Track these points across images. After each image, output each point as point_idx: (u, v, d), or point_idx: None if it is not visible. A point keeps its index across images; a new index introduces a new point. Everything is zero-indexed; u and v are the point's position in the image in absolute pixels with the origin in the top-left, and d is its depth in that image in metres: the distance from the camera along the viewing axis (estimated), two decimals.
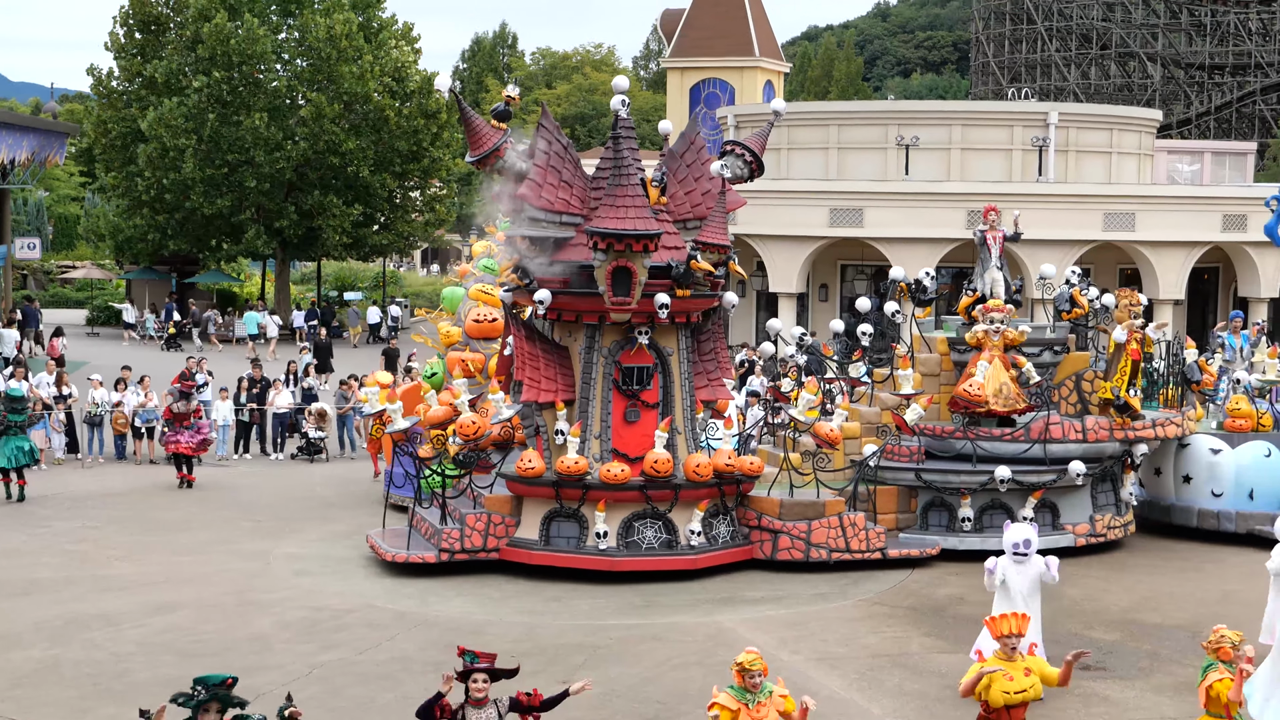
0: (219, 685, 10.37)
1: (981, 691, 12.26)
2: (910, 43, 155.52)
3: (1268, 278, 45.69)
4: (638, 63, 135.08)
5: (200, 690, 10.33)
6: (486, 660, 11.21)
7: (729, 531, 21.40)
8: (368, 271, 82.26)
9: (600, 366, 21.08)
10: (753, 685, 11.40)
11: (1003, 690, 12.07)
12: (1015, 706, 12.15)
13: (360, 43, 60.33)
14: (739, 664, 11.49)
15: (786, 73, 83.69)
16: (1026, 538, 15.71)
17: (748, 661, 11.45)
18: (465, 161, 22.30)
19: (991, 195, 40.02)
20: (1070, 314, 23.67)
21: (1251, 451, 24.12)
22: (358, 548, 22.54)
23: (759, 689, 11.41)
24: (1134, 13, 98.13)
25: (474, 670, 11.08)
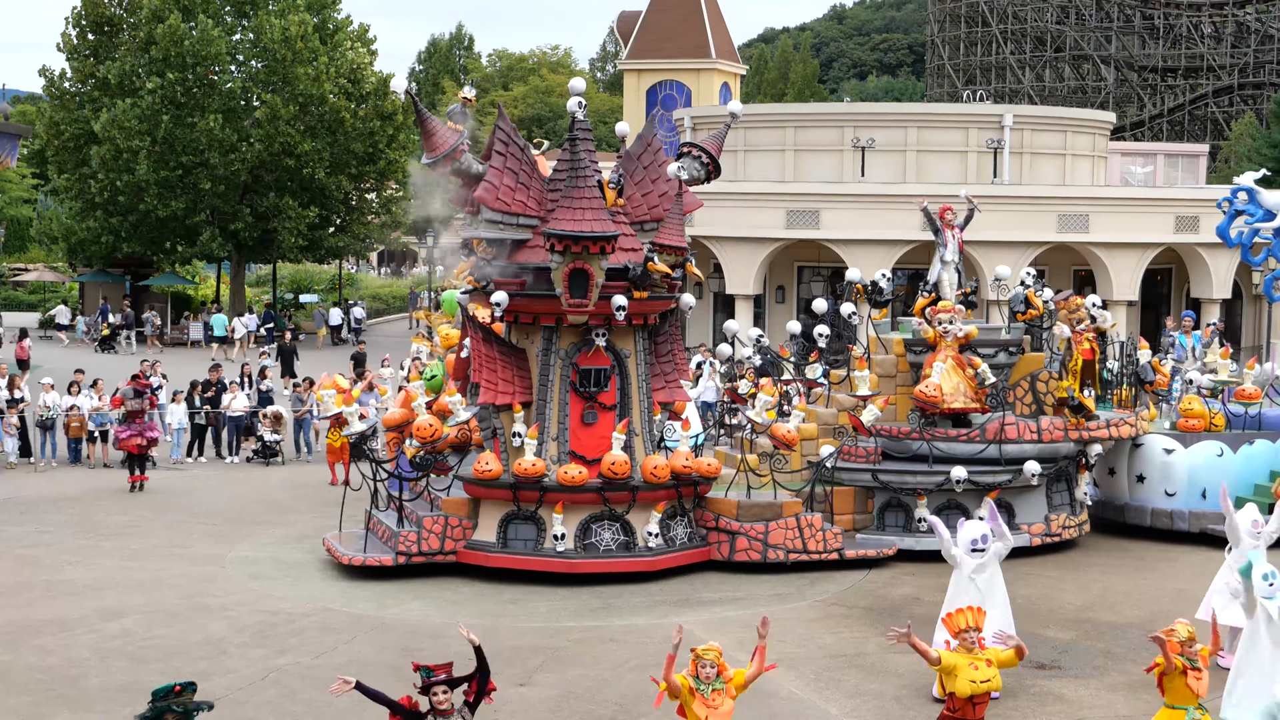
0: (166, 695, 10.27)
1: (947, 681, 12.31)
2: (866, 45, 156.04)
3: (1220, 279, 46.04)
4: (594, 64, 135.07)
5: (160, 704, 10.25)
6: (443, 671, 11.15)
7: (686, 533, 21.41)
8: (324, 274, 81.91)
9: (557, 368, 21.06)
10: (705, 677, 11.41)
11: (969, 679, 12.13)
12: (979, 696, 12.21)
13: (315, 44, 60.08)
14: (695, 653, 11.47)
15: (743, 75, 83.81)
16: (984, 533, 15.86)
17: (702, 650, 11.44)
18: (422, 163, 22.28)
19: (947, 197, 40.04)
20: (1025, 315, 23.78)
21: (1204, 451, 24.30)
22: (314, 551, 22.43)
23: (711, 681, 11.42)
24: (1088, 16, 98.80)
25: (433, 684, 11.02)
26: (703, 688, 11.40)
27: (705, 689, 11.39)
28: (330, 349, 58.68)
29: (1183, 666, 12.37)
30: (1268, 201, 27.93)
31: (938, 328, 22.50)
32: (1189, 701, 12.42)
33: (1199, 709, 12.48)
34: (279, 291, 72.39)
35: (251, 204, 59.91)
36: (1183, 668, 12.38)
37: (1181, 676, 12.40)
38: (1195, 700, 12.44)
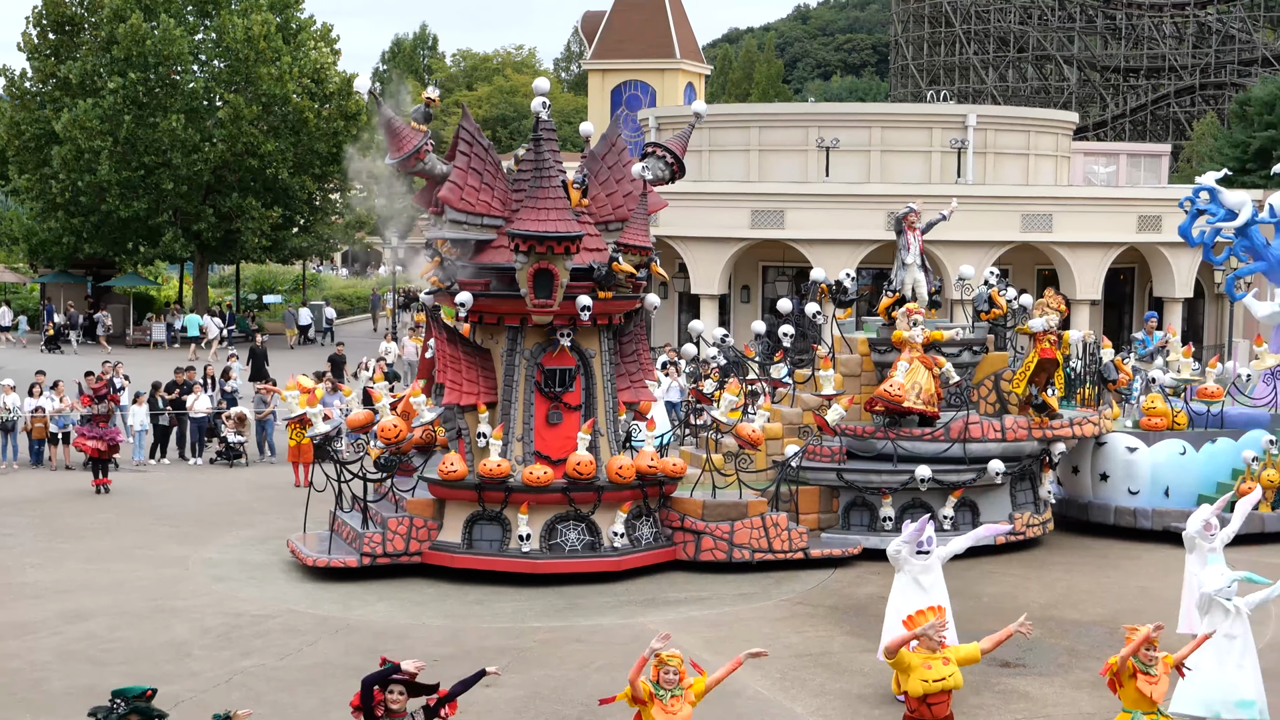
0: (138, 698, 10.22)
1: (901, 679, 12.32)
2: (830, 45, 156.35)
3: (1182, 278, 46.31)
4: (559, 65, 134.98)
5: (120, 704, 10.19)
6: (405, 676, 11.09)
7: (652, 533, 21.41)
8: (287, 274, 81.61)
9: (522, 369, 21.03)
10: (666, 682, 11.40)
11: (921, 679, 12.14)
12: (935, 695, 12.20)
13: (279, 44, 59.81)
14: (659, 656, 11.47)
15: (707, 75, 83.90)
16: (930, 535, 15.91)
17: (666, 655, 11.44)
18: (386, 163, 22.23)
19: (911, 197, 40.18)
20: (989, 314, 23.87)
21: (1167, 449, 24.44)
22: (278, 553, 22.34)
23: (672, 686, 11.41)
24: (1050, 16, 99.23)
25: (392, 681, 10.97)
26: (662, 693, 11.39)
27: (665, 694, 11.39)
28: (301, 350, 58.38)
29: (1132, 668, 12.36)
30: (1229, 201, 28.13)
31: (911, 330, 22.50)
32: (1140, 706, 12.37)
33: (1152, 714, 12.43)
34: (242, 292, 72.09)
35: (214, 204, 59.60)
36: (1132, 669, 12.36)
37: (1132, 679, 12.38)
38: (1149, 705, 12.37)
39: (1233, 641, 14.34)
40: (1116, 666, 12.45)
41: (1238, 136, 69.63)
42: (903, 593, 15.82)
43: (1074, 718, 15.35)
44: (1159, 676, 12.42)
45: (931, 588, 15.83)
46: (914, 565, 15.88)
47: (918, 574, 15.88)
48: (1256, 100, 69.41)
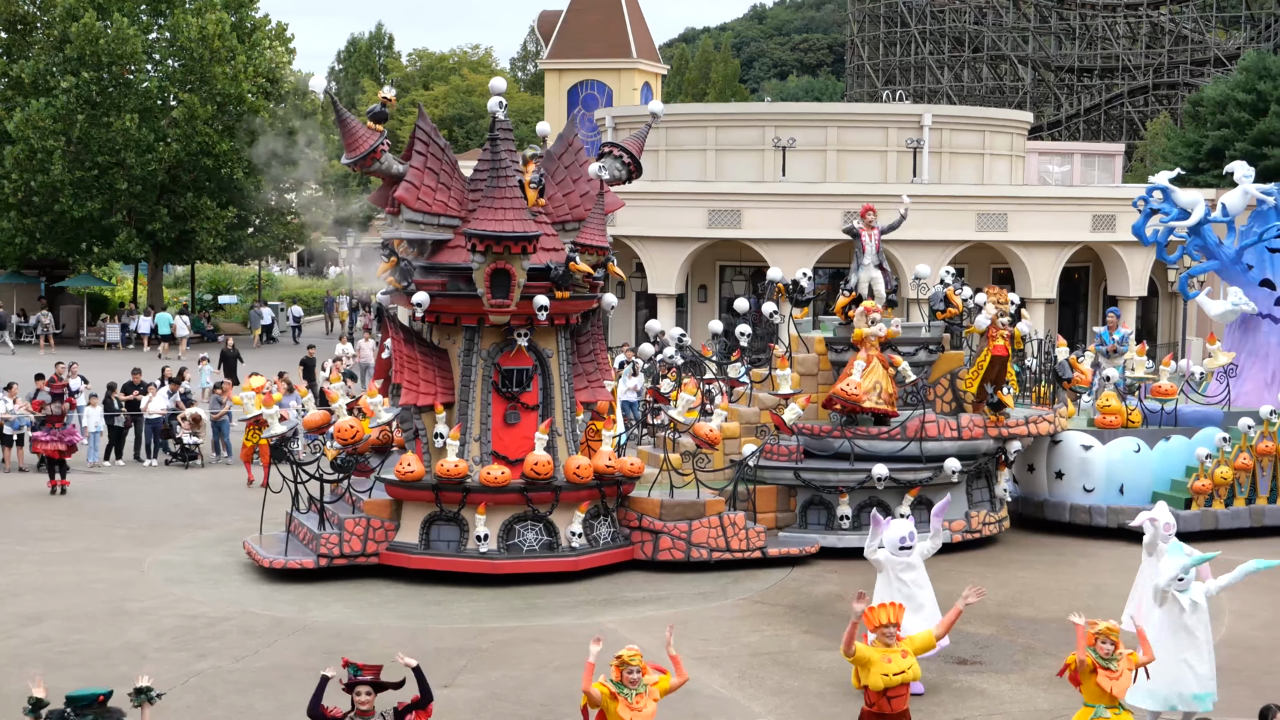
0: (90, 705, 10.14)
1: (861, 674, 12.35)
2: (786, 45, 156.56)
3: (1136, 276, 46.61)
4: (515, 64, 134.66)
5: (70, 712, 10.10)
6: (371, 673, 11.09)
7: (610, 533, 21.41)
8: (243, 275, 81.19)
9: (479, 369, 20.99)
10: (630, 681, 11.40)
11: (881, 673, 12.20)
12: (895, 689, 12.25)
13: (233, 43, 59.48)
14: (619, 658, 11.48)
15: (664, 74, 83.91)
16: (910, 531, 15.97)
17: (628, 655, 11.46)
18: (342, 163, 22.13)
19: (867, 196, 40.38)
20: (945, 313, 23.97)
21: (1121, 447, 24.60)
22: (234, 554, 22.23)
23: (636, 685, 11.42)
24: (1005, 16, 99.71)
25: (358, 683, 10.96)
26: (626, 691, 11.39)
27: (630, 693, 11.39)
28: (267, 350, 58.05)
29: (1091, 663, 12.43)
30: (1182, 200, 28.33)
31: (872, 329, 22.57)
32: (1100, 700, 12.48)
33: (1114, 709, 12.52)
34: (198, 293, 71.68)
35: (169, 204, 59.23)
36: (1091, 664, 12.43)
37: (1091, 675, 12.44)
38: (1109, 699, 12.46)
39: (1189, 635, 14.44)
40: (1074, 665, 12.53)
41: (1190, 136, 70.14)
42: (888, 594, 15.74)
43: (1030, 714, 15.44)
44: (1120, 672, 12.46)
45: (915, 584, 15.87)
46: (895, 564, 15.90)
47: (900, 572, 15.90)
48: (1209, 100, 69.94)
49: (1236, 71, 72.53)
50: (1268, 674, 16.85)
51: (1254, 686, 16.21)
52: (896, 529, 16.06)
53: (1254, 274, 27.80)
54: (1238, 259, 27.91)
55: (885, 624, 12.44)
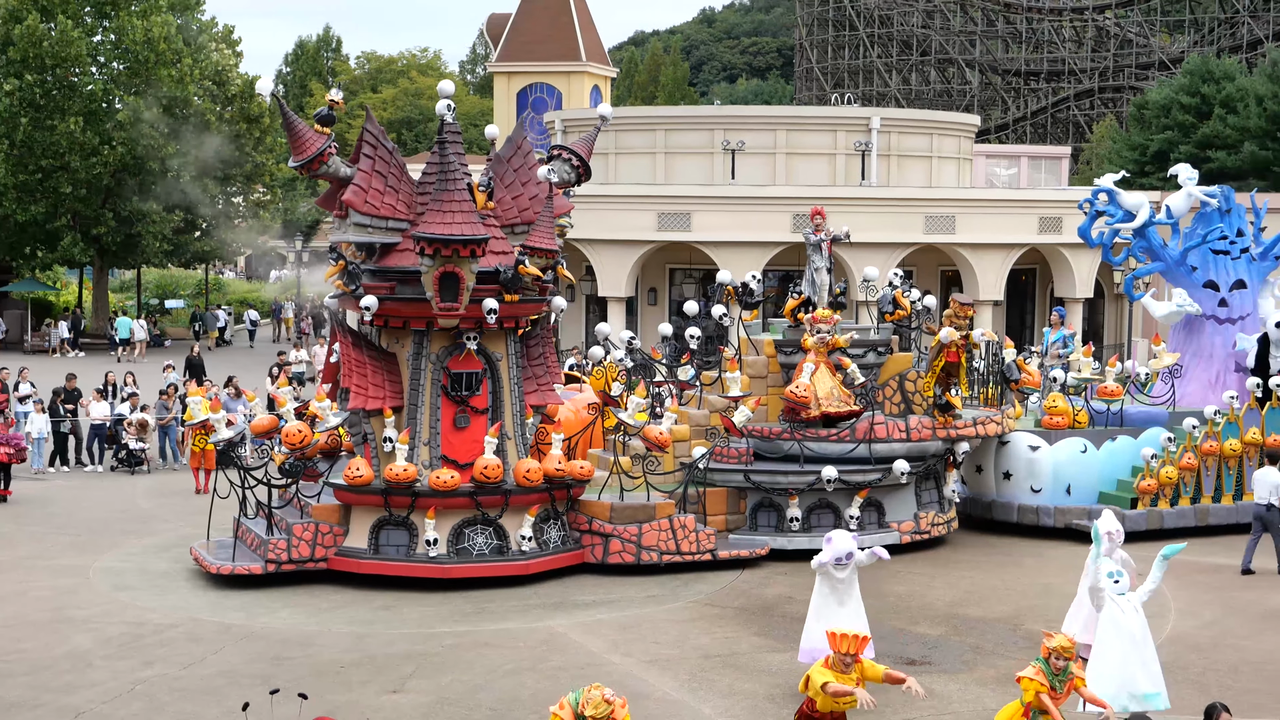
0: None
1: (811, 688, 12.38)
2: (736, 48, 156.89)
3: (1082, 278, 46.91)
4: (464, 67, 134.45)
5: None
6: None
7: (560, 536, 21.37)
8: (190, 279, 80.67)
9: (428, 372, 20.92)
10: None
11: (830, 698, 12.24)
12: (838, 715, 12.34)
13: (179, 45, 59.09)
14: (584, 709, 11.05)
15: (613, 78, 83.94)
16: (850, 551, 15.98)
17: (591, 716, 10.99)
18: (289, 166, 22.02)
19: (816, 199, 40.49)
20: (893, 316, 24.08)
21: (1068, 448, 24.76)
22: (180, 560, 22.06)
23: None
24: (953, 20, 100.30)
25: None
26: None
27: None
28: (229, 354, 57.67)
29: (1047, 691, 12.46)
30: (1127, 202, 28.54)
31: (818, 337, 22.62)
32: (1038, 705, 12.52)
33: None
34: (143, 297, 71.19)
35: (114, 208, 58.76)
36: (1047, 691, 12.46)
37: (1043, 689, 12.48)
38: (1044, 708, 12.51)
39: (1134, 636, 14.55)
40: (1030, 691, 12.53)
41: (1136, 139, 70.71)
42: (821, 594, 16.21)
43: (978, 714, 15.50)
44: (1063, 697, 12.63)
45: (846, 583, 16.00)
46: (832, 574, 16.09)
47: (835, 582, 16.08)
48: (1153, 104, 70.55)
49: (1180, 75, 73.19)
50: (1212, 671, 16.99)
51: (1198, 685, 16.34)
52: (838, 545, 16.08)
53: (1198, 275, 28.04)
54: (1182, 261, 28.15)
55: (846, 652, 12.53)
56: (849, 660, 12.51)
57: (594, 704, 10.99)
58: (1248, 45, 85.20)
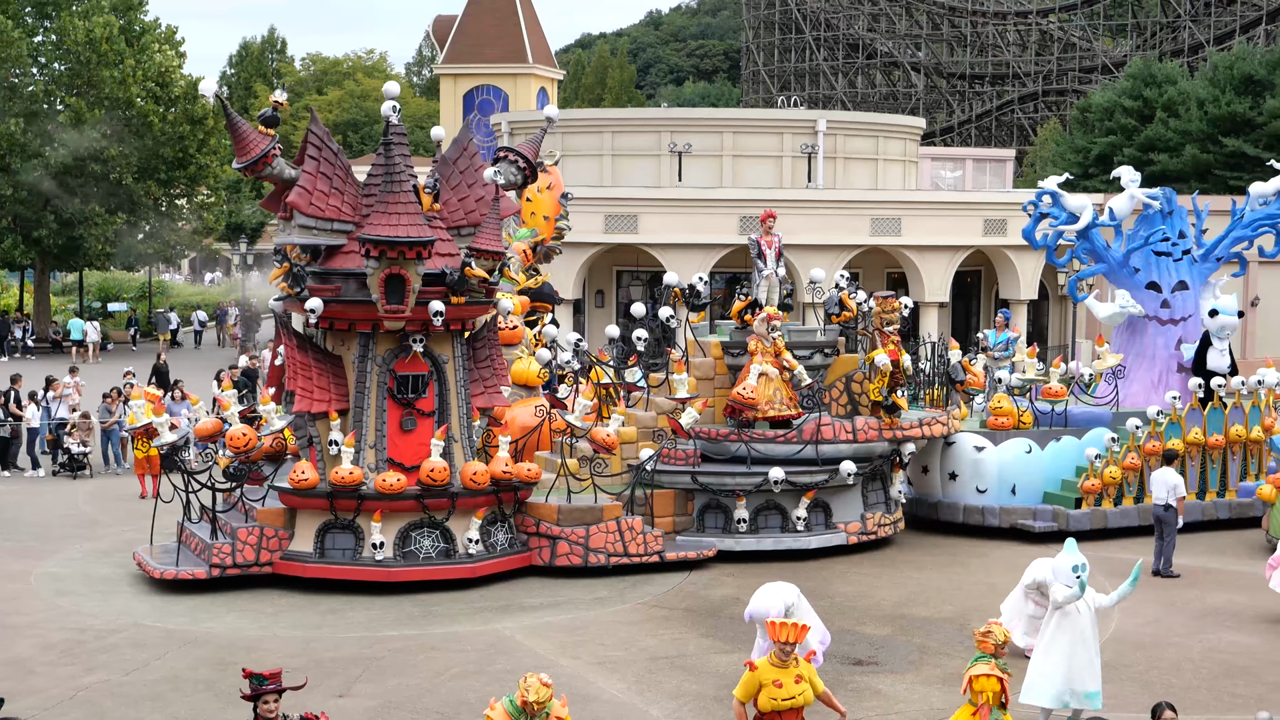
0: None
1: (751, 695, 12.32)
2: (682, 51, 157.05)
3: (1027, 280, 47.24)
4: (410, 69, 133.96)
5: None
6: (274, 680, 11.15)
7: (507, 539, 21.31)
8: (133, 281, 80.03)
9: (374, 375, 20.81)
10: (532, 713, 11.22)
11: (770, 696, 12.16)
12: (785, 712, 12.25)
13: (121, 46, 58.56)
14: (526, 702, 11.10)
15: (560, 80, 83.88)
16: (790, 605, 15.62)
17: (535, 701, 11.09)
18: (233, 168, 21.86)
19: (763, 201, 40.66)
20: (840, 317, 24.16)
21: (1013, 449, 24.90)
22: (124, 565, 21.87)
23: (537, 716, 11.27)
24: (898, 23, 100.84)
25: (264, 692, 11.03)
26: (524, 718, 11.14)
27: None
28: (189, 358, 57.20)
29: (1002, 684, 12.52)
30: (1071, 205, 28.76)
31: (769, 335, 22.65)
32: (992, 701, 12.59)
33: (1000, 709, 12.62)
34: (86, 300, 70.56)
35: (56, 210, 58.18)
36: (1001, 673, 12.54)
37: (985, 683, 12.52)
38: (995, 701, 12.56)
39: (1083, 635, 14.62)
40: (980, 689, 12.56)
41: (1079, 142, 71.24)
42: None
43: (925, 713, 15.56)
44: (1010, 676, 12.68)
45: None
46: None
47: None
48: (1097, 107, 71.10)
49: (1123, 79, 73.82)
50: (1155, 669, 17.13)
51: (1142, 683, 16.48)
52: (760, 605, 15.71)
53: (1140, 277, 28.28)
54: (1125, 262, 28.38)
55: (786, 641, 12.32)
56: (788, 650, 12.37)
57: (534, 689, 11.03)
58: (1189, 49, 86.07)
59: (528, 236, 26.96)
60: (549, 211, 27.44)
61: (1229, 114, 64.36)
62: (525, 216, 27.22)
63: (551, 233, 27.48)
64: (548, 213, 27.41)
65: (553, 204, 27.51)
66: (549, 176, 27.40)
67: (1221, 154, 63.77)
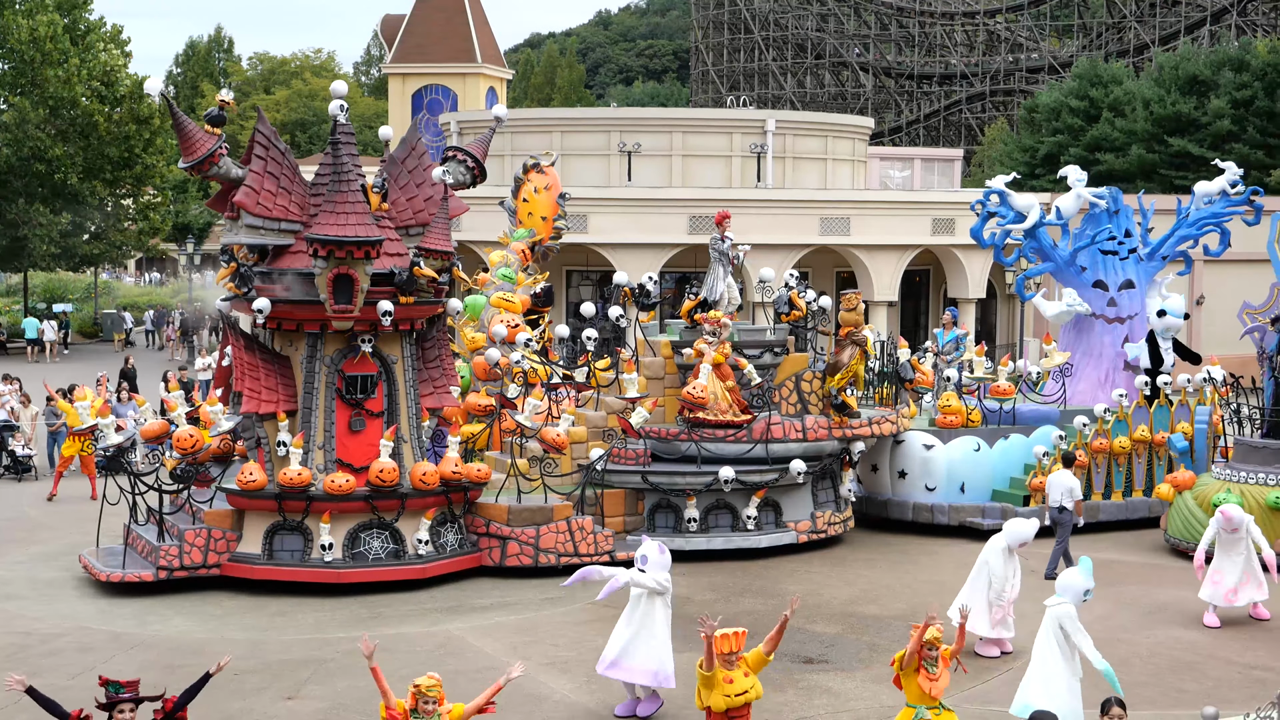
0: None
1: (704, 694, 12.36)
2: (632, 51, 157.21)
3: (975, 279, 47.48)
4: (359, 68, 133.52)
5: None
6: (131, 689, 11.20)
7: (457, 539, 21.24)
8: (79, 282, 79.36)
9: (323, 376, 20.70)
10: (425, 710, 11.26)
11: (724, 694, 12.21)
12: (736, 710, 12.33)
13: (66, 45, 58.11)
14: (417, 685, 11.31)
15: (509, 80, 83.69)
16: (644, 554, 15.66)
17: (425, 685, 11.28)
18: (179, 167, 21.68)
19: (713, 201, 40.75)
20: (789, 316, 24.19)
21: (962, 446, 25.02)
22: (69, 569, 21.66)
23: (431, 715, 11.28)
24: (846, 24, 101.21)
25: (120, 700, 11.02)
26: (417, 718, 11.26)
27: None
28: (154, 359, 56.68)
29: (917, 663, 12.63)
30: (1018, 204, 28.91)
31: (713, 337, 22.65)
32: (923, 701, 12.70)
33: (934, 709, 12.69)
34: (30, 301, 69.89)
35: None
36: (917, 664, 12.64)
37: (915, 674, 12.67)
38: (930, 700, 12.69)
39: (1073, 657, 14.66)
40: (901, 663, 12.73)
41: (1026, 141, 71.73)
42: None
43: (875, 711, 15.60)
44: (939, 673, 12.73)
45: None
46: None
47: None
48: (1043, 107, 71.60)
49: (1070, 79, 74.39)
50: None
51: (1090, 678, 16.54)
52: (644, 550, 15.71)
53: (1087, 275, 28.45)
54: (1072, 261, 28.55)
55: (728, 653, 12.47)
56: (732, 659, 12.48)
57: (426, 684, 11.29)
58: (1135, 50, 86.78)
59: (525, 237, 27.13)
60: (547, 212, 27.60)
61: (1174, 114, 64.97)
62: (523, 217, 27.44)
63: (550, 233, 27.65)
64: (545, 213, 27.57)
65: (551, 204, 27.69)
66: (546, 177, 27.73)
67: (1167, 153, 64.36)
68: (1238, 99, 64.31)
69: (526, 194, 27.46)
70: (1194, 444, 25.94)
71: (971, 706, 15.65)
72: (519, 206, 27.66)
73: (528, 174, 27.91)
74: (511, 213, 27.88)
